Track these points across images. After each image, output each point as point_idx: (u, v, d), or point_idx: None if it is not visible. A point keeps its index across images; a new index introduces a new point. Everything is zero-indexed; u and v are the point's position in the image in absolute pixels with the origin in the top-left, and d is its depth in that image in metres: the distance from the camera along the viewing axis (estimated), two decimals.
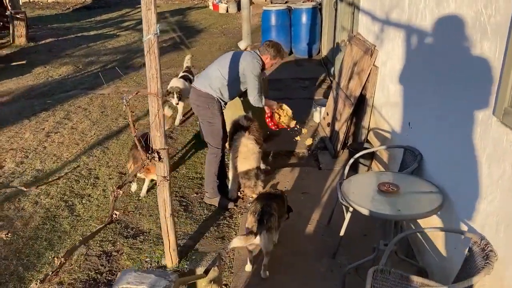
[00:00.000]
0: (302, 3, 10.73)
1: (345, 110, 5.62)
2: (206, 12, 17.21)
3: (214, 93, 4.47)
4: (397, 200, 3.06)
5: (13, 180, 5.29)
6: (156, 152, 2.62)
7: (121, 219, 4.53)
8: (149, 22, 2.91)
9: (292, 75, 9.21)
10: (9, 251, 4.09)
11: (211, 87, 4.47)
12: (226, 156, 5.00)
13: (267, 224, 3.55)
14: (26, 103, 7.82)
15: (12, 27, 11.54)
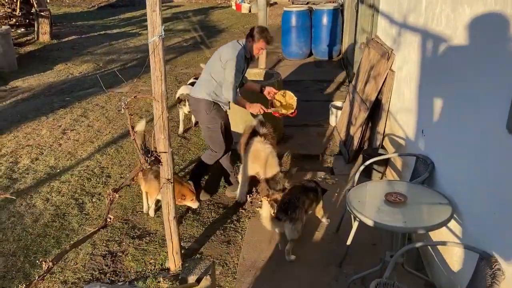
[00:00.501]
0: (324, 4, 10.60)
1: (360, 114, 5.50)
2: (229, 12, 17.21)
3: (210, 98, 4.44)
4: (403, 211, 2.95)
5: (27, 176, 5.36)
6: (156, 155, 2.58)
7: (129, 219, 4.53)
8: (154, 23, 2.88)
9: (311, 76, 9.11)
10: (18, 247, 4.14)
11: (205, 92, 4.45)
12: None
13: (291, 215, 3.77)
14: (46, 100, 7.93)
15: (37, 24, 11.75)
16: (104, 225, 2.33)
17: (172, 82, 8.79)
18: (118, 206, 4.76)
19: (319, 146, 6.10)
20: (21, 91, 8.48)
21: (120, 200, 4.85)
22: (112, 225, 4.41)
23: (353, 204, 3.05)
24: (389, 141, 5.09)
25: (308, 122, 6.85)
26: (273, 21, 14.78)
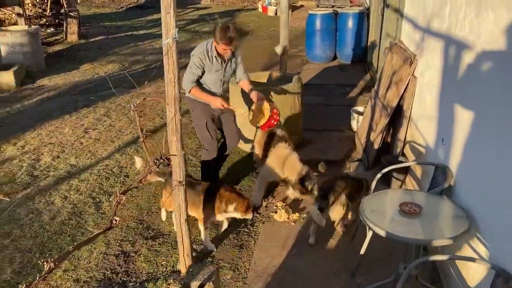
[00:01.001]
0: (349, 7, 10.48)
1: (381, 120, 5.39)
2: (255, 15, 17.22)
3: (192, 96, 4.60)
4: (417, 222, 2.86)
5: (48, 174, 5.45)
6: (166, 158, 2.57)
7: (144, 219, 4.55)
8: (168, 26, 2.88)
9: (334, 80, 9.02)
10: (34, 244, 4.20)
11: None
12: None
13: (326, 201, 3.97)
14: (70, 99, 8.07)
15: (66, 24, 12.01)
16: (110, 227, 2.32)
17: None
18: (133, 206, 4.79)
19: (339, 151, 6.00)
20: (47, 89, 8.67)
21: (136, 200, 4.88)
22: (127, 225, 4.44)
23: (366, 214, 2.97)
24: (409, 149, 4.97)
25: (329, 126, 6.77)
26: (298, 24, 14.74)
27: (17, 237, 4.29)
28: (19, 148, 6.14)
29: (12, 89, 8.61)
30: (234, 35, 4.27)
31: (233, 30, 4.29)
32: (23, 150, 6.08)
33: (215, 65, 4.51)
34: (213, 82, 4.62)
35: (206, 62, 4.47)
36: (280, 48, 6.28)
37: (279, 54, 6.44)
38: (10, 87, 8.62)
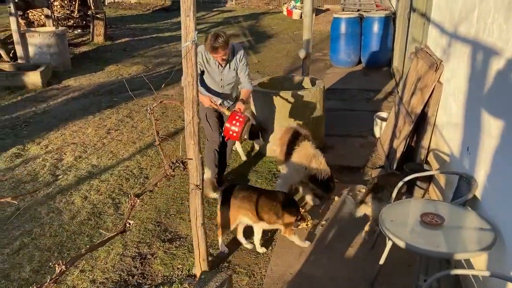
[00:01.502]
0: (375, 11, 10.34)
1: (405, 127, 5.27)
2: (280, 18, 17.18)
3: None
4: (439, 234, 2.76)
5: (69, 173, 5.51)
6: (181, 162, 2.54)
7: (162, 222, 4.55)
8: (188, 29, 2.86)
9: (358, 85, 8.89)
10: (53, 243, 4.24)
11: None
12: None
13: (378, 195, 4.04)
14: (94, 100, 8.18)
15: (92, 26, 12.21)
16: (123, 230, 2.31)
17: None
18: (152, 208, 4.79)
19: (361, 158, 5.89)
20: (72, 90, 8.81)
21: (155, 202, 4.88)
22: (145, 227, 4.45)
23: (386, 223, 2.89)
24: (433, 157, 4.84)
25: (351, 132, 6.66)
26: (323, 27, 14.65)
27: (37, 236, 4.34)
28: (42, 147, 6.23)
29: (38, 89, 8.78)
30: (220, 44, 4.34)
31: (219, 39, 4.35)
32: (47, 149, 6.17)
33: (212, 67, 4.64)
34: (212, 84, 4.74)
35: (203, 63, 4.60)
36: (303, 52, 6.22)
37: (302, 58, 6.37)
38: (37, 87, 8.79)
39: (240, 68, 4.70)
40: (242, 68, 4.71)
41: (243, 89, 4.81)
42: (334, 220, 4.51)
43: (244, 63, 4.71)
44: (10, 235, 4.36)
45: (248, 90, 4.80)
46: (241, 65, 4.69)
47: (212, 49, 4.39)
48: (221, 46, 4.36)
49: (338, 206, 4.76)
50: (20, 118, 7.39)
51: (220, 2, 21.01)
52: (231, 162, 5.78)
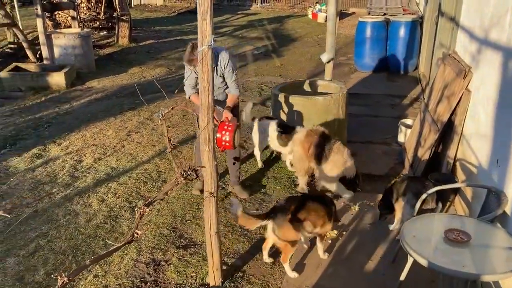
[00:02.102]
0: (402, 15, 10.11)
1: (430, 135, 5.08)
2: (305, 21, 17.04)
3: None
4: (464, 252, 2.60)
5: (88, 175, 5.51)
6: (194, 170, 2.46)
7: (177, 227, 4.48)
8: (204, 32, 2.77)
9: (383, 91, 8.69)
10: (68, 246, 4.21)
11: None
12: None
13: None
14: (116, 101, 8.20)
15: (117, 28, 12.32)
16: (130, 240, 2.23)
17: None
18: (168, 212, 4.73)
19: (383, 166, 5.72)
20: (95, 91, 8.87)
21: (172, 207, 4.82)
22: (160, 232, 4.38)
23: (407, 239, 2.74)
24: (460, 167, 4.64)
25: (374, 139, 6.48)
26: (349, 31, 14.44)
27: (53, 238, 4.33)
28: (63, 148, 6.26)
29: (62, 90, 8.87)
30: (195, 57, 4.21)
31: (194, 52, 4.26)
32: (67, 150, 6.19)
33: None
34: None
35: (192, 70, 4.57)
36: (325, 56, 6.09)
37: (325, 62, 6.24)
38: (61, 88, 8.89)
39: (227, 74, 4.59)
40: (228, 74, 4.59)
41: (229, 94, 4.71)
42: (353, 231, 4.36)
43: (230, 69, 4.57)
44: (27, 237, 4.36)
45: (234, 95, 4.69)
46: (226, 71, 4.57)
47: (189, 62, 4.44)
48: (196, 58, 4.22)
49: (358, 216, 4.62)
50: (43, 118, 7.47)
51: (245, 5, 21.01)
52: (249, 167, 5.68)
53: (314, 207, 3.75)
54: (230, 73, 4.59)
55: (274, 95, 5.81)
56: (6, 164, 5.80)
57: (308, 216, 3.68)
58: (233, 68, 4.61)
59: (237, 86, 4.69)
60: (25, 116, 7.54)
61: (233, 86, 4.65)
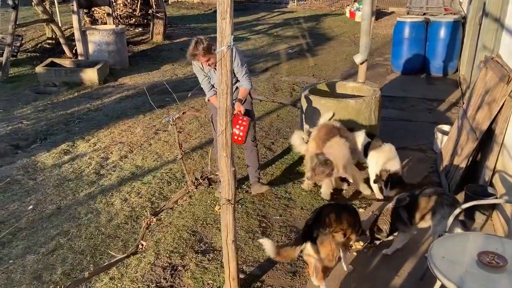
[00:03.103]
0: (443, 15, 9.68)
1: (468, 144, 4.78)
2: (342, 20, 16.67)
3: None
4: (500, 279, 2.35)
5: (113, 173, 5.49)
6: (207, 178, 2.32)
7: (197, 231, 4.37)
8: (223, 32, 2.64)
9: (419, 94, 8.32)
10: (87, 245, 4.18)
11: None
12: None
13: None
14: (146, 99, 8.16)
15: (152, 24, 12.38)
16: (135, 252, 2.12)
17: (270, 89, 8.60)
18: (189, 214, 4.63)
19: (416, 174, 5.43)
20: (126, 88, 8.91)
21: (193, 209, 4.72)
22: (180, 235, 4.29)
23: (435, 260, 2.52)
24: (499, 179, 4.33)
25: (408, 145, 6.18)
26: (387, 31, 14.02)
27: (73, 237, 4.31)
28: (91, 145, 6.28)
29: (94, 86, 8.96)
30: (198, 51, 4.28)
31: (198, 46, 4.27)
32: (95, 147, 6.21)
33: (209, 71, 4.64)
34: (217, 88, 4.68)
35: (201, 69, 4.58)
36: (359, 57, 5.84)
37: (358, 64, 5.99)
38: (93, 84, 8.98)
39: (236, 69, 4.48)
40: (238, 68, 4.49)
41: (241, 88, 4.61)
42: (381, 243, 4.12)
43: (239, 63, 4.46)
44: (48, 234, 4.35)
45: (245, 89, 4.60)
46: (236, 67, 4.45)
47: (192, 57, 4.38)
48: (200, 53, 4.30)
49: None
50: (74, 114, 7.54)
51: (282, 3, 20.77)
52: (274, 171, 5.51)
53: (344, 217, 3.55)
54: (239, 67, 4.49)
55: (303, 96, 5.62)
56: (34, 159, 5.86)
57: (342, 227, 3.48)
58: (242, 62, 4.52)
59: (249, 80, 4.60)
60: (57, 111, 7.64)
61: (245, 79, 4.56)
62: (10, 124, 7.10)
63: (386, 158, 4.81)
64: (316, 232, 3.29)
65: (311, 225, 3.35)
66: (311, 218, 3.45)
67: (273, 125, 6.91)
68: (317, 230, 3.30)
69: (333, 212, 3.46)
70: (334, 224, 3.37)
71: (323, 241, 3.29)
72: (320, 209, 3.50)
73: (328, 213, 3.43)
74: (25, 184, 5.25)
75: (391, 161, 4.80)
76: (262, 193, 4.94)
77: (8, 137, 6.60)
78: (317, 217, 3.41)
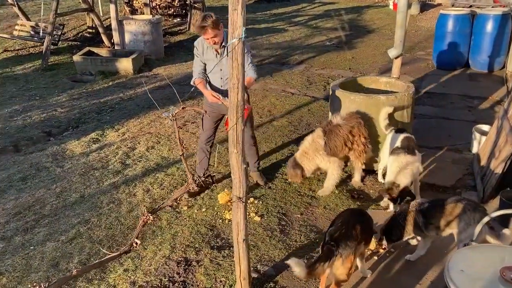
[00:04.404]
0: (491, 8, 9.15)
1: (506, 146, 4.47)
2: (384, 12, 16.15)
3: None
4: None
5: (138, 164, 5.50)
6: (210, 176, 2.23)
7: (215, 226, 4.31)
8: (235, 24, 2.53)
9: (461, 91, 7.92)
10: (106, 236, 4.20)
11: None
12: None
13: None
14: (178, 90, 8.10)
15: (190, 15, 12.39)
16: (128, 250, 2.06)
17: (303, 83, 8.41)
18: (210, 208, 4.57)
19: (450, 176, 5.14)
20: (160, 78, 8.95)
21: (213, 203, 4.65)
22: (197, 230, 4.24)
23: (452, 273, 2.33)
24: None
25: (444, 145, 5.88)
26: (431, 24, 13.44)
27: (93, 226, 4.34)
28: (120, 134, 6.34)
29: (129, 76, 9.05)
30: (207, 24, 4.09)
31: (207, 19, 4.10)
32: (123, 137, 6.26)
33: (210, 56, 4.44)
34: (213, 76, 4.56)
35: (203, 51, 4.43)
36: (393, 51, 5.58)
37: (392, 58, 5.72)
38: (128, 73, 9.08)
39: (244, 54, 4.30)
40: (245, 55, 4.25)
41: (246, 77, 4.24)
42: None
43: (247, 49, 4.28)
44: (69, 222, 4.41)
45: (251, 77, 4.43)
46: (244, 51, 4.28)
47: (200, 29, 4.16)
48: (209, 25, 4.09)
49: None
50: (107, 103, 7.64)
51: None
52: None
53: (366, 226, 3.38)
54: (247, 54, 4.33)
55: (332, 91, 5.43)
56: (64, 147, 5.97)
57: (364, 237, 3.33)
58: (247, 50, 4.34)
59: (254, 69, 4.48)
60: (91, 100, 7.77)
61: (250, 68, 4.42)
62: (45, 111, 7.29)
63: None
64: (343, 245, 3.08)
65: (337, 238, 3.12)
66: (336, 229, 3.19)
67: (303, 119, 6.75)
68: (344, 243, 3.09)
69: (356, 222, 3.27)
70: (359, 235, 3.20)
71: (348, 254, 3.09)
72: (343, 218, 3.31)
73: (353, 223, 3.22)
74: (52, 172, 5.35)
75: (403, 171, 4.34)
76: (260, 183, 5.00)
77: (42, 124, 6.77)
78: (341, 228, 3.19)
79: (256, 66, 9.32)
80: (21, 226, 4.36)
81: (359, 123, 4.78)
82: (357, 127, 4.74)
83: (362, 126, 4.80)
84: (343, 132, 4.69)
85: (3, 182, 5.18)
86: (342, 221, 3.25)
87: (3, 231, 4.30)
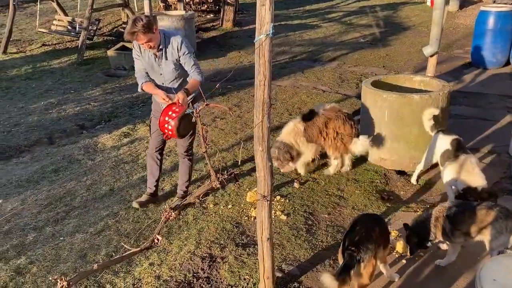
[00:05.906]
0: None
1: None
2: (421, 9, 15.71)
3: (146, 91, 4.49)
4: None
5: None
6: (234, 174, 2.21)
7: (241, 223, 4.29)
8: (262, 20, 2.49)
9: (500, 90, 7.63)
10: (133, 229, 4.24)
11: None
12: None
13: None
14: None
15: (223, 11, 12.42)
16: (150, 246, 2.05)
17: (335, 80, 8.28)
18: (236, 205, 4.56)
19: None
20: None
21: (240, 199, 4.64)
22: (223, 226, 4.23)
23: (484, 282, 2.22)
24: None
25: (481, 146, 5.67)
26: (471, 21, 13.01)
27: (121, 219, 4.39)
28: None
29: None
30: (138, 29, 3.74)
31: (137, 23, 3.75)
32: None
33: (148, 60, 4.12)
34: (155, 79, 4.25)
35: (140, 55, 4.13)
36: (428, 49, 5.41)
37: (427, 56, 5.55)
38: None
39: (183, 60, 4.07)
40: (185, 59, 4.06)
41: (190, 79, 4.15)
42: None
43: (186, 53, 4.05)
44: (98, 215, 4.48)
45: (195, 80, 4.11)
46: (182, 56, 4.05)
47: (130, 35, 3.81)
48: (139, 30, 3.75)
49: None
50: (139, 98, 7.73)
51: None
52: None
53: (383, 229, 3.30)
54: (187, 57, 4.07)
55: (364, 88, 5.31)
56: (96, 140, 6.08)
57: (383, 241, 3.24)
58: (189, 51, 4.09)
59: (198, 71, 4.14)
60: (124, 95, 7.88)
61: (194, 71, 4.13)
62: (79, 104, 7.45)
63: None
64: (364, 248, 3.01)
65: (357, 242, 3.04)
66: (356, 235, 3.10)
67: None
68: (365, 246, 3.02)
69: (374, 225, 3.21)
70: (378, 238, 3.13)
71: (370, 258, 3.02)
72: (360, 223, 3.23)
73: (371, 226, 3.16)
74: (84, 164, 5.46)
75: None
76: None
77: (75, 117, 6.92)
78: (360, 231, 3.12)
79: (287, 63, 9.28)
80: (52, 217, 4.46)
81: (337, 117, 4.91)
82: (334, 120, 4.91)
83: (341, 120, 4.91)
84: (319, 122, 4.92)
85: (36, 173, 5.31)
86: (360, 225, 3.18)
87: (35, 221, 4.41)
